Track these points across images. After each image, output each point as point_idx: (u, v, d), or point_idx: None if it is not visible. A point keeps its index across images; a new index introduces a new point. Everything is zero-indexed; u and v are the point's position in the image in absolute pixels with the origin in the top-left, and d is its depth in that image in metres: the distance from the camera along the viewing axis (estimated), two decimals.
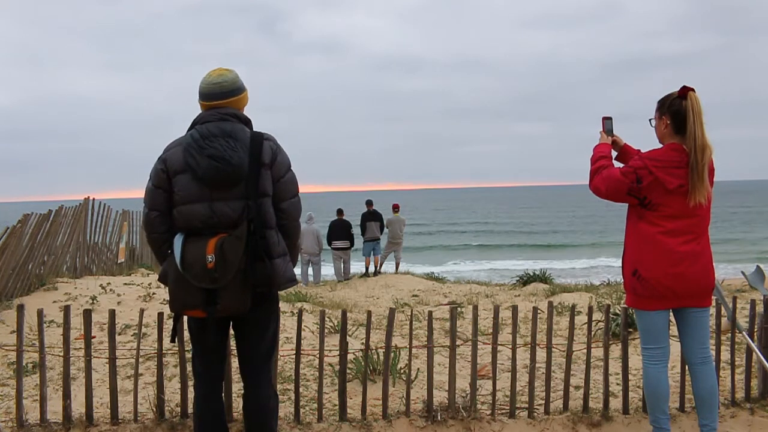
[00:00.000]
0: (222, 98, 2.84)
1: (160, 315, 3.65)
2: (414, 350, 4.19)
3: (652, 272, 3.13)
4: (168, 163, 2.81)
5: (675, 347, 3.67)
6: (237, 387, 4.26)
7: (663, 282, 3.12)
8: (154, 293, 7.33)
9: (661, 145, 3.24)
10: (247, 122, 2.88)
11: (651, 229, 3.15)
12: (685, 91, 3.12)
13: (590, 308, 4.02)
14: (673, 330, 3.46)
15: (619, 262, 3.70)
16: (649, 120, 3.30)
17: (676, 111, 3.13)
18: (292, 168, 2.94)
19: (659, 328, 3.26)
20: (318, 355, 3.73)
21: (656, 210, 3.13)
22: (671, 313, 3.31)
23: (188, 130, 2.84)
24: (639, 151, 3.39)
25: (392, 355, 4.18)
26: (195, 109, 2.92)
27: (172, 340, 2.97)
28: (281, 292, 3.36)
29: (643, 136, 3.44)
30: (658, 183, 3.09)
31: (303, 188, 3.01)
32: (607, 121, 3.48)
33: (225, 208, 2.73)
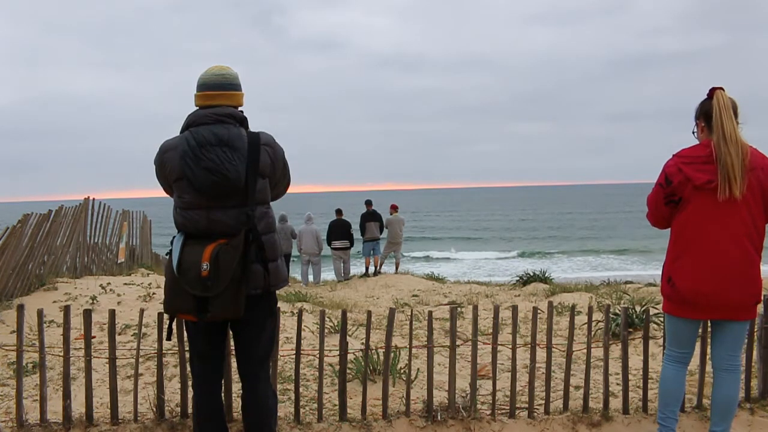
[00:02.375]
0: (222, 89, 2.82)
1: (160, 315, 3.64)
2: (414, 350, 4.19)
3: (686, 282, 3.07)
4: (166, 170, 2.82)
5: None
6: (237, 387, 4.25)
7: (696, 293, 3.05)
8: (154, 293, 7.33)
9: None
10: (243, 121, 2.84)
11: (684, 231, 3.09)
12: (712, 92, 3.11)
13: (590, 308, 4.02)
14: None
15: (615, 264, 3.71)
16: (693, 132, 3.23)
17: (707, 111, 3.10)
18: (287, 163, 2.97)
19: (686, 337, 3.23)
20: (318, 355, 3.73)
21: (686, 208, 3.07)
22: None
23: (182, 130, 2.82)
24: None
25: (392, 355, 4.18)
26: (192, 108, 2.89)
27: (168, 338, 2.97)
28: (280, 292, 3.38)
29: (648, 136, 3.30)
30: (687, 180, 3.03)
31: (302, 188, 3.05)
32: None
33: (222, 216, 2.73)
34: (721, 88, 3.10)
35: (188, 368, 3.25)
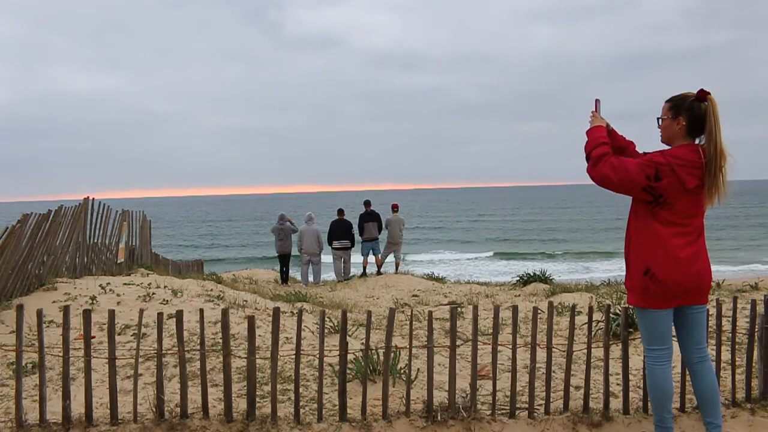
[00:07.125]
0: None
1: (160, 315, 3.65)
2: (414, 350, 4.19)
3: (668, 273, 3.10)
4: None
5: (674, 347, 3.67)
6: (237, 387, 4.25)
7: (678, 282, 3.11)
8: (153, 293, 7.32)
9: (666, 145, 3.22)
10: None
11: (664, 230, 3.11)
12: (704, 94, 3.10)
13: (590, 308, 4.01)
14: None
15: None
16: (658, 118, 3.24)
17: (695, 114, 3.10)
18: None
19: (666, 327, 3.25)
20: (318, 355, 3.72)
21: (670, 209, 3.10)
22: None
23: None
24: (624, 136, 3.40)
25: (392, 355, 4.17)
26: (192, 109, 2.81)
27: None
28: (280, 292, 3.23)
29: (651, 135, 3.29)
30: (678, 182, 3.06)
31: (300, 188, 2.94)
32: (598, 102, 3.44)
33: None
34: (710, 93, 3.11)
35: (188, 368, 3.19)
